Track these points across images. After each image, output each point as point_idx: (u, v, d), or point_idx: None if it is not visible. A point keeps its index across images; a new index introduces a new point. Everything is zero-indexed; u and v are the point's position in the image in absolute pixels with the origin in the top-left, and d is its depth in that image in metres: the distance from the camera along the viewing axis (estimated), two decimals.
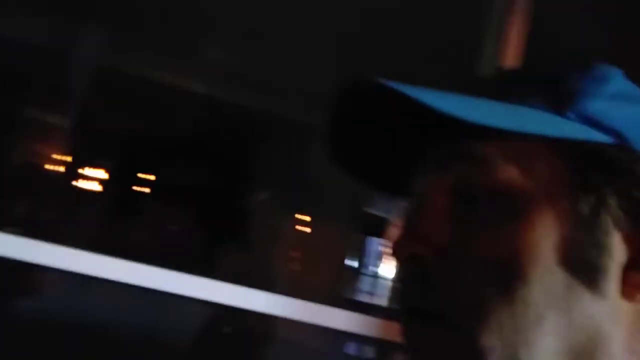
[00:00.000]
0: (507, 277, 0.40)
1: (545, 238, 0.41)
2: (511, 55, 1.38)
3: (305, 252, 2.22)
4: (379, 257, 2.69)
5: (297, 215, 2.33)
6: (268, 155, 2.13)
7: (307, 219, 2.33)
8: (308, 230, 2.32)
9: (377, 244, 2.74)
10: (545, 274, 0.40)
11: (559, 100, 0.43)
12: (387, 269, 2.55)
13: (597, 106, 0.44)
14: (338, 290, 2.38)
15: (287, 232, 2.14)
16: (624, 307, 0.42)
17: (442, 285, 0.42)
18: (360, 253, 2.72)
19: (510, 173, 0.42)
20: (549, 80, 0.46)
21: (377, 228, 2.67)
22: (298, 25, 2.08)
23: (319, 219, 2.34)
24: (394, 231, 0.48)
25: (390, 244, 0.46)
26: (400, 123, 0.47)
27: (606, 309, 0.41)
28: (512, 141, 0.42)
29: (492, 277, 0.41)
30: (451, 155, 0.44)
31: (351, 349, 2.34)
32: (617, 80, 0.46)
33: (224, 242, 1.70)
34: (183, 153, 1.98)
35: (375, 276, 2.70)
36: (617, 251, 0.42)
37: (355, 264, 2.70)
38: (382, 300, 2.55)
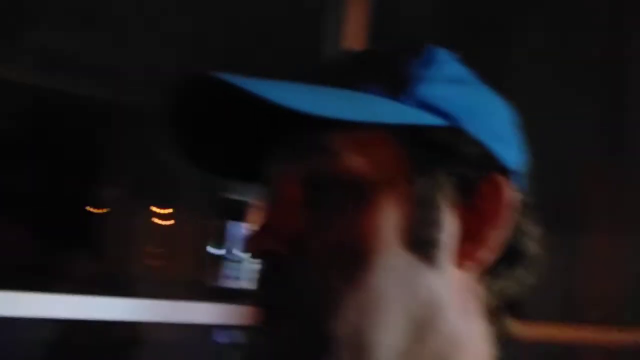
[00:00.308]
0: (352, 264, 0.42)
1: (387, 222, 0.43)
2: (353, 36, 1.42)
3: (165, 246, 2.15)
4: (242, 241, 2.69)
5: (153, 209, 2.24)
6: (114, 148, 2.01)
7: (165, 211, 2.25)
8: (166, 223, 2.24)
9: (239, 229, 2.73)
10: (389, 255, 0.42)
11: (396, 85, 0.45)
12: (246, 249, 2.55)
13: (430, 90, 0.46)
14: (204, 280, 2.34)
15: (144, 227, 2.06)
16: (457, 275, 0.45)
17: (294, 278, 0.43)
18: (223, 239, 2.69)
19: (354, 162, 0.43)
20: (386, 65, 0.47)
21: (238, 212, 2.66)
22: (139, 8, 1.97)
23: (177, 210, 2.27)
24: (254, 215, 0.47)
25: (248, 233, 0.46)
26: (244, 114, 0.46)
27: (442, 280, 0.45)
28: (355, 129, 0.43)
29: (338, 265, 0.42)
30: (298, 146, 0.45)
31: (221, 337, 2.32)
32: (449, 64, 0.48)
33: (72, 250, 1.58)
34: (13, 153, 1.80)
35: (241, 261, 2.70)
36: (451, 226, 0.45)
37: (219, 251, 2.67)
38: (249, 284, 2.55)
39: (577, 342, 1.96)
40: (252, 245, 0.44)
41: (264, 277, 0.45)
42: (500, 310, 0.49)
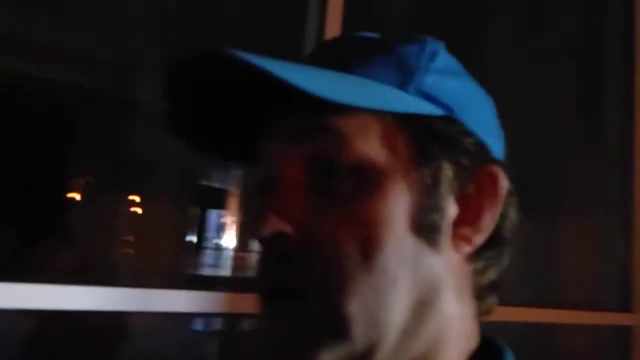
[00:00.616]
0: (365, 247, 0.43)
1: (397, 208, 0.44)
2: (333, 26, 1.40)
3: (142, 235, 2.11)
4: (221, 229, 2.67)
5: (129, 197, 2.20)
6: (85, 135, 1.97)
7: (140, 199, 2.21)
8: (143, 211, 2.20)
9: (217, 216, 2.71)
10: (398, 239, 0.44)
11: (403, 75, 0.47)
12: (230, 240, 2.54)
13: (432, 81, 0.47)
14: (182, 269, 2.31)
15: (120, 216, 2.02)
16: (453, 257, 0.48)
17: (304, 261, 0.43)
18: (200, 227, 2.66)
19: (367, 148, 0.44)
20: (392, 55, 0.48)
21: (216, 200, 2.64)
22: None
23: (153, 197, 2.23)
24: (235, 202, 0.47)
25: (244, 221, 0.46)
26: (236, 93, 0.46)
27: (442, 262, 0.47)
28: (360, 115, 0.43)
29: (352, 249, 0.43)
30: (305, 128, 0.45)
31: (198, 324, 2.31)
32: (446, 56, 0.50)
33: (46, 240, 1.54)
34: None
35: (219, 249, 2.68)
36: (450, 211, 0.47)
37: (196, 239, 2.64)
38: (227, 272, 2.55)
39: (554, 325, 1.99)
40: (261, 227, 0.44)
41: (272, 260, 0.44)
42: (486, 290, 0.51)
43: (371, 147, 0.44)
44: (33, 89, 1.88)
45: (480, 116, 0.49)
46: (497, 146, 0.51)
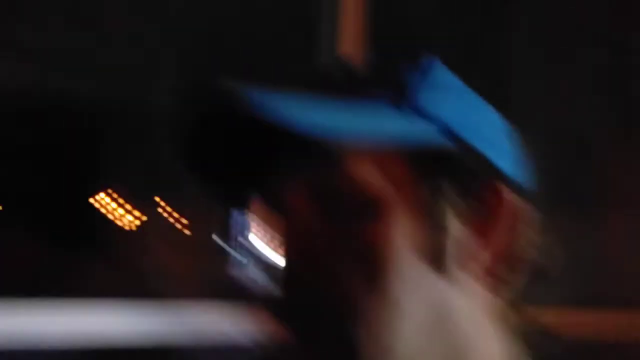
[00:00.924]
0: (370, 273, 0.44)
1: (400, 232, 0.45)
2: (349, 40, 1.37)
3: (173, 242, 2.09)
4: (248, 230, 2.65)
5: (155, 203, 2.17)
6: (105, 143, 1.95)
7: (166, 205, 2.18)
8: (171, 218, 2.17)
9: (243, 217, 2.68)
10: (402, 263, 0.45)
11: (397, 95, 0.47)
12: (257, 242, 2.51)
13: (425, 98, 0.48)
14: (223, 275, 2.28)
15: (148, 224, 2.00)
16: (463, 279, 0.47)
17: (315, 288, 0.44)
18: (229, 230, 2.63)
19: (365, 172, 0.45)
20: (387, 74, 0.49)
21: (242, 201, 2.60)
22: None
23: (179, 203, 2.20)
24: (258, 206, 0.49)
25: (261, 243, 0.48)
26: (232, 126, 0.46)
27: (451, 285, 0.47)
28: (362, 140, 0.44)
29: (358, 274, 0.44)
30: (307, 156, 0.45)
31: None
32: (440, 71, 0.51)
33: (75, 254, 1.50)
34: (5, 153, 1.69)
35: (248, 250, 2.65)
36: (456, 232, 0.47)
37: (226, 242, 2.61)
38: (258, 275, 2.52)
39: (602, 328, 1.93)
40: (268, 255, 0.46)
41: (281, 287, 0.46)
42: (505, 311, 0.50)
43: (368, 171, 0.45)
44: (59, 101, 1.86)
45: (482, 131, 0.49)
46: (505, 164, 0.50)
